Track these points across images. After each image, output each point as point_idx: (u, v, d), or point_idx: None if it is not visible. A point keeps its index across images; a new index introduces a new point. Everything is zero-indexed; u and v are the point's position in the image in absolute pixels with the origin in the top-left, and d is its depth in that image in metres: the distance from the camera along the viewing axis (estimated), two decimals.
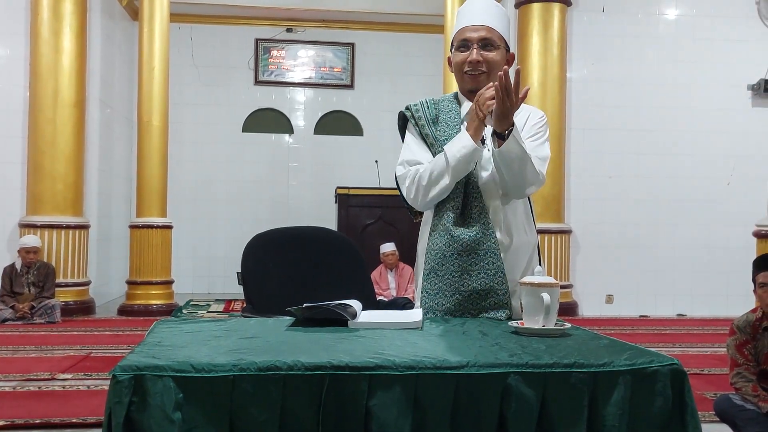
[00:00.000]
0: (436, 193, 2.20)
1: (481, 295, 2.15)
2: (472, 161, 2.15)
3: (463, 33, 2.27)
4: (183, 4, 9.71)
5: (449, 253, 2.17)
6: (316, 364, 1.41)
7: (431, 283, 2.20)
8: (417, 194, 2.23)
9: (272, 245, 2.89)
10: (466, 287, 2.16)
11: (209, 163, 10.81)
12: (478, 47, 2.24)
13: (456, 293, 2.16)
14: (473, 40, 2.24)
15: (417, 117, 2.31)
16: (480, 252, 2.16)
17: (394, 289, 7.70)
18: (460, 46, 2.27)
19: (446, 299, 2.17)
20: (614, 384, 1.47)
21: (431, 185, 2.19)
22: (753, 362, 3.44)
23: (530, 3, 8.39)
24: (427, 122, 2.29)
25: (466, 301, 2.16)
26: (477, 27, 2.26)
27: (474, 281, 2.15)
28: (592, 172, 8.67)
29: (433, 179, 2.18)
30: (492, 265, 2.15)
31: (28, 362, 5.30)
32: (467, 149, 2.13)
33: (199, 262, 10.66)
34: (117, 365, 1.38)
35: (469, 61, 2.24)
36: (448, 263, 2.17)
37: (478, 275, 2.15)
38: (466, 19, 2.29)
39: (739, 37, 8.81)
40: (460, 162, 2.14)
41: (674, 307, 8.71)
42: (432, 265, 2.21)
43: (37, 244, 7.45)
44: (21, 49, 7.90)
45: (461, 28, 2.28)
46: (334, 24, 10.95)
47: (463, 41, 2.26)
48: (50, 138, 7.71)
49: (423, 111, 2.32)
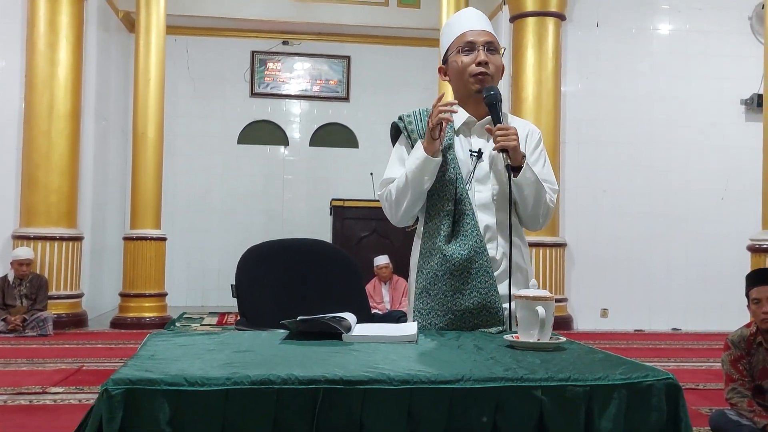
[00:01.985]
0: (405, 208, 2.21)
1: (474, 314, 2.13)
2: (426, 173, 2.14)
3: (466, 36, 2.24)
4: (179, 17, 9.74)
5: (441, 273, 2.15)
6: (310, 378, 1.40)
7: (423, 303, 2.18)
8: (391, 211, 2.26)
9: (266, 258, 2.88)
10: (458, 306, 2.14)
11: (204, 174, 10.80)
12: (483, 49, 2.22)
13: (449, 313, 2.14)
14: (479, 43, 2.22)
15: (410, 130, 2.28)
16: (472, 270, 2.13)
17: (388, 302, 7.68)
18: (465, 48, 2.23)
19: (439, 319, 2.15)
20: (609, 398, 1.46)
21: (399, 200, 2.21)
22: (748, 377, 3.44)
23: (525, 17, 8.44)
24: (420, 135, 2.24)
25: (458, 320, 2.14)
26: (480, 32, 2.25)
27: (467, 300, 2.13)
28: (586, 185, 8.69)
29: (400, 195, 2.20)
30: (485, 284, 2.13)
31: (19, 375, 5.26)
32: (419, 161, 2.14)
33: (192, 274, 10.63)
34: (109, 378, 1.36)
35: (479, 62, 2.20)
36: (440, 283, 2.15)
37: (470, 294, 2.13)
38: (466, 24, 2.27)
39: (732, 53, 8.87)
40: (415, 174, 2.15)
41: (669, 322, 8.71)
42: (424, 285, 2.18)
43: (30, 257, 7.42)
44: (17, 61, 7.91)
45: (462, 32, 2.25)
46: (329, 37, 10.99)
47: (467, 44, 2.23)
48: (45, 150, 7.70)
49: (416, 124, 2.27)
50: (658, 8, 8.99)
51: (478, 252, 2.14)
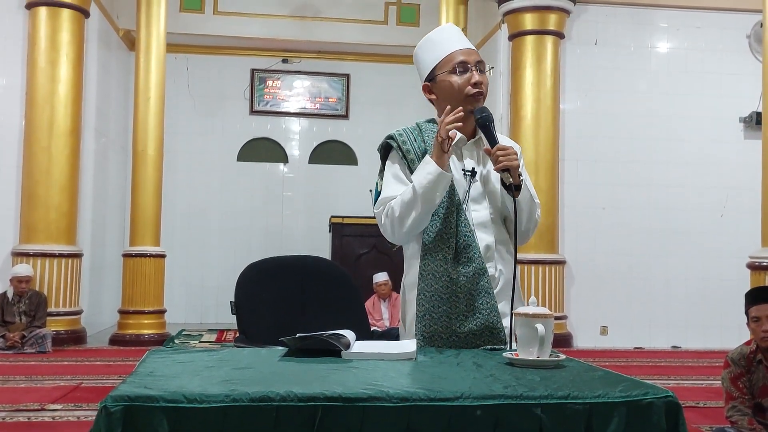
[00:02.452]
0: (410, 225, 2.16)
1: (477, 335, 2.14)
2: (439, 188, 2.11)
3: (457, 56, 2.23)
4: (179, 35, 9.79)
5: (447, 296, 2.14)
6: (309, 395, 1.40)
7: (426, 326, 2.15)
8: (393, 228, 2.20)
9: (266, 274, 2.88)
10: (462, 329, 2.13)
11: (204, 192, 10.81)
12: (476, 69, 2.23)
13: (452, 335, 2.14)
14: (471, 62, 2.23)
15: (405, 150, 2.25)
16: (475, 292, 2.14)
17: (387, 320, 7.66)
18: (457, 69, 2.23)
19: (442, 342, 2.14)
20: (609, 416, 1.46)
21: (403, 217, 2.15)
22: (748, 395, 3.43)
23: (524, 35, 8.48)
24: (417, 156, 2.22)
25: (462, 342, 2.13)
26: (470, 50, 2.26)
27: (470, 322, 2.13)
28: (585, 203, 8.69)
29: (404, 211, 2.14)
30: (486, 305, 2.14)
31: (17, 392, 5.24)
32: (433, 175, 2.10)
33: (191, 291, 10.61)
34: (108, 395, 1.36)
35: (474, 83, 2.21)
36: (444, 305, 2.14)
37: (474, 316, 2.13)
38: (456, 43, 2.27)
39: (730, 71, 8.91)
40: (428, 190, 2.10)
41: (669, 339, 8.69)
42: (427, 308, 2.16)
43: (29, 274, 7.41)
44: (18, 79, 7.93)
45: (452, 52, 2.24)
46: (329, 55, 11.04)
47: (460, 63, 2.22)
48: (45, 167, 7.71)
49: (411, 144, 2.25)
50: (657, 26, 9.04)
51: (480, 273, 2.15)
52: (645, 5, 8.93)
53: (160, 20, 8.55)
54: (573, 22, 8.78)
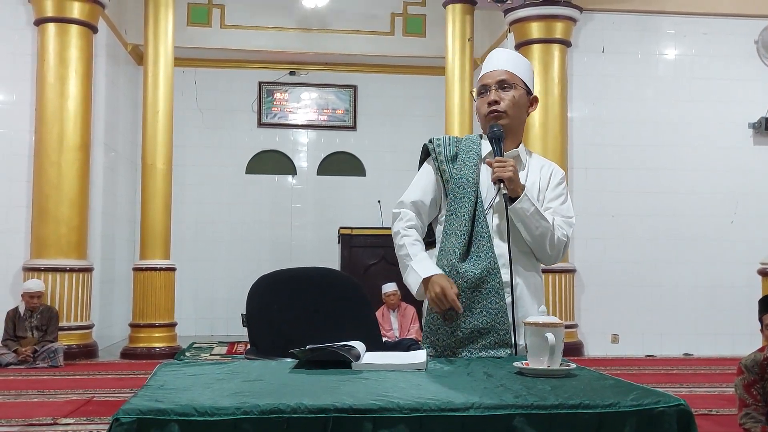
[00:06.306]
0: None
1: (482, 333, 2.18)
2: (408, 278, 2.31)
3: (483, 80, 2.39)
4: (187, 49, 9.84)
5: None
6: (320, 407, 1.40)
7: (433, 319, 2.24)
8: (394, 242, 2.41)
9: (277, 286, 2.88)
10: (467, 324, 2.19)
11: (212, 204, 10.84)
12: (495, 88, 2.34)
13: (457, 330, 2.19)
14: (491, 84, 2.35)
15: (438, 152, 2.39)
16: (484, 290, 2.19)
17: (397, 330, 7.65)
18: (480, 92, 2.38)
19: (447, 336, 2.21)
20: (621, 425, 1.46)
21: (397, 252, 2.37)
22: (761, 402, 3.41)
23: (530, 44, 8.49)
24: (446, 159, 2.36)
25: (467, 338, 2.19)
26: (494, 72, 2.37)
27: (476, 319, 2.18)
28: (594, 211, 8.67)
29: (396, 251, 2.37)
30: (495, 304, 2.19)
31: (30, 407, 5.25)
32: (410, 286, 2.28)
33: (201, 303, 10.63)
34: (120, 409, 1.37)
35: (488, 102, 2.34)
36: None
37: (480, 313, 2.19)
38: (486, 67, 2.40)
39: (738, 76, 8.88)
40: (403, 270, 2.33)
41: (680, 347, 8.64)
42: None
43: (40, 289, 7.44)
44: (27, 95, 7.99)
45: (482, 75, 2.40)
46: (336, 67, 11.07)
47: (482, 87, 2.38)
48: (55, 181, 7.75)
49: (444, 147, 2.39)
50: (664, 33, 9.02)
51: (491, 273, 2.20)
52: (652, 12, 8.93)
53: (168, 34, 8.60)
54: (579, 30, 8.78)
